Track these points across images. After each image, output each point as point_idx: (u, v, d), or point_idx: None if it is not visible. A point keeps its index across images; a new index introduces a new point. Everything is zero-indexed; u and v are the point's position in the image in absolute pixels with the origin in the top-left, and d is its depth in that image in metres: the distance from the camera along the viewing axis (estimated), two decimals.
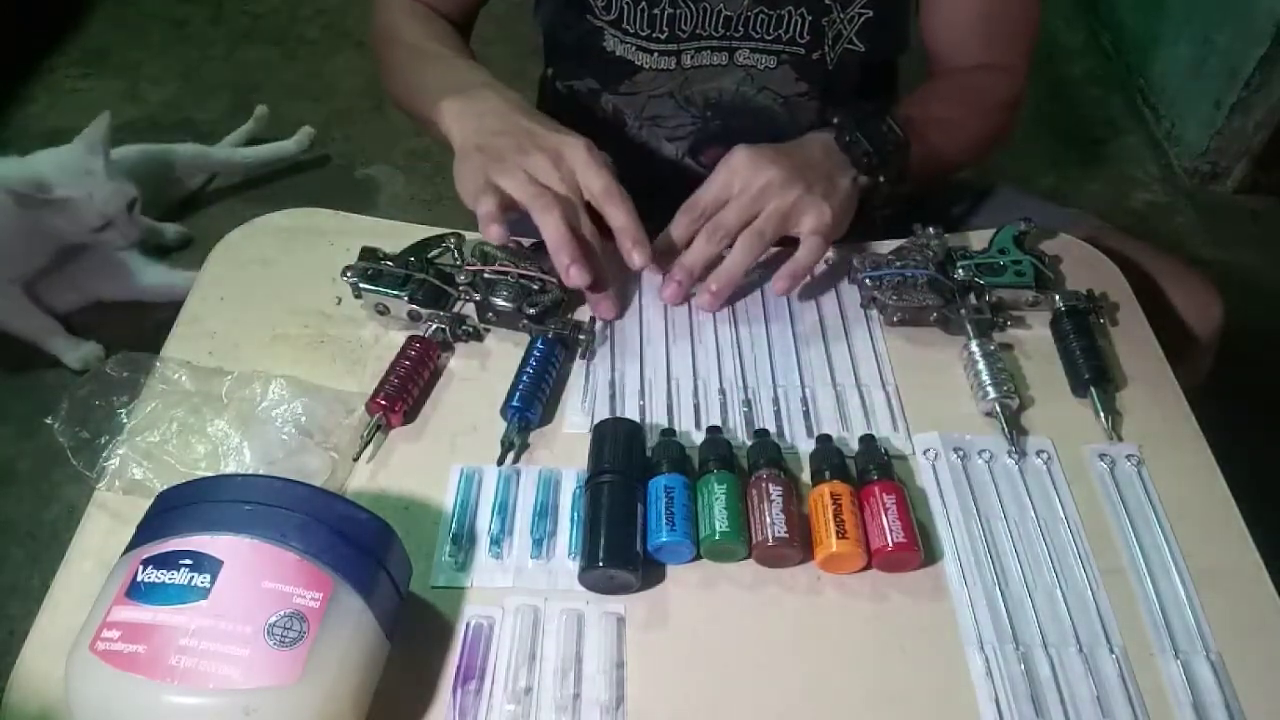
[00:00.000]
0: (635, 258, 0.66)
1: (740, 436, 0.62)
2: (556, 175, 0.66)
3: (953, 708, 0.50)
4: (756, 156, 0.68)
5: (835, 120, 0.73)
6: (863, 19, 0.79)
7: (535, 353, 0.64)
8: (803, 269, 0.68)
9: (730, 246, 0.69)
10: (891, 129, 0.72)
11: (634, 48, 0.81)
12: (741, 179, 0.68)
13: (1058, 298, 0.68)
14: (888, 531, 0.54)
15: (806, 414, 0.64)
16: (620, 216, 0.66)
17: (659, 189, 0.71)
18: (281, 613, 0.43)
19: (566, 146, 0.67)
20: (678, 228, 0.70)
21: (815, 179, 0.68)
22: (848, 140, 0.71)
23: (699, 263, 0.69)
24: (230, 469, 0.58)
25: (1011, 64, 0.84)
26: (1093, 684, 0.51)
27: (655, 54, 0.81)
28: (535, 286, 0.67)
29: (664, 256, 0.70)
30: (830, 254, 0.75)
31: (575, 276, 0.64)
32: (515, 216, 0.66)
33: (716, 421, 0.63)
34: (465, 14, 0.87)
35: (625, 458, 0.58)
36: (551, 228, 0.64)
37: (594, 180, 0.66)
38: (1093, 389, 0.63)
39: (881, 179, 0.71)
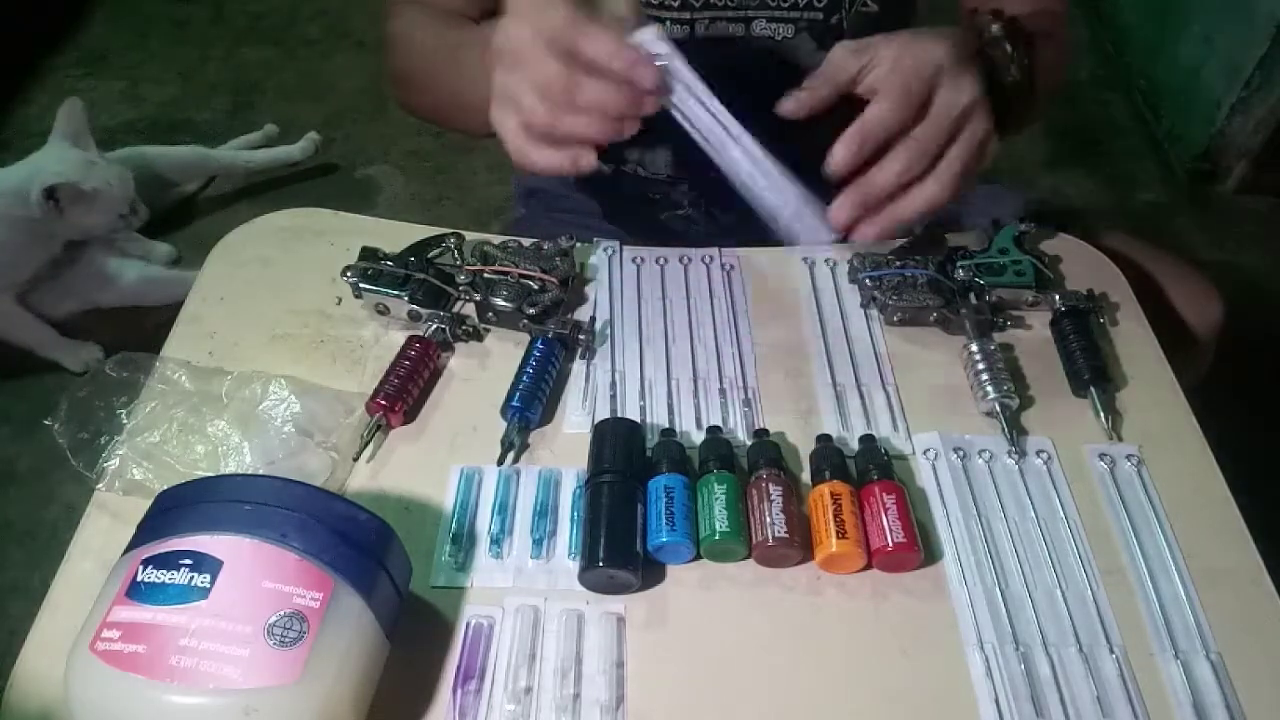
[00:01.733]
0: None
1: (740, 436, 0.62)
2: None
3: (953, 708, 0.50)
4: (958, 63, 0.58)
5: (1002, 34, 0.64)
6: None
7: (535, 353, 0.64)
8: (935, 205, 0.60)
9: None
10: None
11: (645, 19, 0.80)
12: (944, 94, 0.58)
13: (1058, 298, 0.68)
14: (888, 531, 0.54)
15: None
16: None
17: (676, 163, 0.68)
18: (281, 613, 0.43)
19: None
20: (870, 137, 0.58)
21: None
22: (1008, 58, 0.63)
23: (890, 189, 0.59)
24: (230, 469, 0.58)
25: (1058, 9, 0.79)
26: (1093, 684, 0.51)
27: (667, 24, 0.79)
28: (535, 286, 0.67)
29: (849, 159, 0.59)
30: (830, 254, 0.75)
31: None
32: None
33: (716, 421, 0.63)
34: (480, 11, 0.85)
35: (625, 458, 0.58)
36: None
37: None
38: (1092, 389, 0.63)
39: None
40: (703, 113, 0.60)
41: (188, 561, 0.44)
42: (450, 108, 0.77)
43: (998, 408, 0.62)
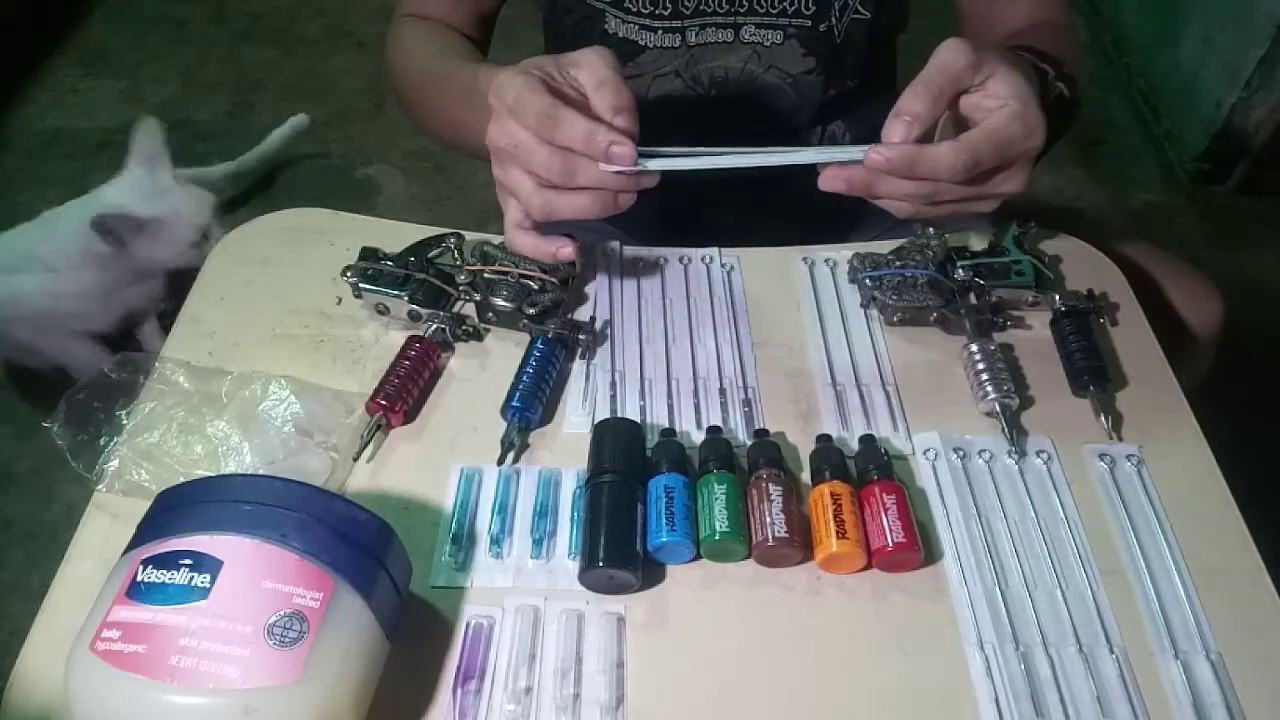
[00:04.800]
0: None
1: (740, 436, 0.62)
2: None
3: (953, 708, 0.50)
4: (1039, 114, 0.58)
5: (1065, 95, 0.66)
6: None
7: (535, 353, 0.64)
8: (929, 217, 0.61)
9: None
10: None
11: (636, 27, 0.80)
12: (1021, 130, 0.57)
13: (1058, 298, 0.68)
14: (888, 531, 0.54)
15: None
16: None
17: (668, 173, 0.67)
18: (281, 613, 0.43)
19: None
20: (931, 111, 0.57)
21: None
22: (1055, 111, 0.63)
23: (918, 173, 0.56)
24: (230, 469, 0.58)
25: (1062, 21, 0.80)
26: (1093, 684, 0.51)
27: (659, 32, 0.80)
28: (535, 286, 0.67)
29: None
30: (832, 255, 0.75)
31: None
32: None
33: (716, 421, 0.63)
34: (479, 23, 0.86)
35: (625, 458, 0.58)
36: None
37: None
38: (1092, 389, 0.63)
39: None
40: (695, 162, 0.60)
41: (188, 561, 0.44)
42: (448, 133, 0.80)
43: (998, 408, 0.62)
